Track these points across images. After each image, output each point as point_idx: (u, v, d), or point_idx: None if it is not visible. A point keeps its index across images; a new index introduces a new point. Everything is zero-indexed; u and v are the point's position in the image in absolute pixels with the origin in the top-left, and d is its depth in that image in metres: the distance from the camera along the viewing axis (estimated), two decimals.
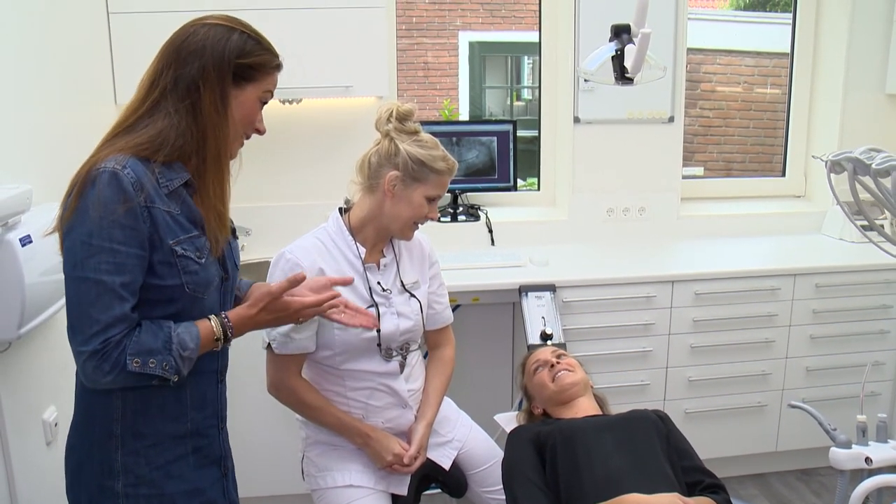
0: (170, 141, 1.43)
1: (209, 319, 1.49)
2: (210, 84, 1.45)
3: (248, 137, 1.58)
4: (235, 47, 1.47)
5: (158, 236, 1.41)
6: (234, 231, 1.67)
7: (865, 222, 2.07)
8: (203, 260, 1.48)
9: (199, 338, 1.46)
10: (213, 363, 1.58)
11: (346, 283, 1.81)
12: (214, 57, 1.45)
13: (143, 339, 1.39)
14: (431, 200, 2.02)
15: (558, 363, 2.24)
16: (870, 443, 1.98)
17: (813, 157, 2.10)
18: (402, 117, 1.99)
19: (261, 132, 1.59)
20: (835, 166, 1.84)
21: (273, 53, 1.55)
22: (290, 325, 1.92)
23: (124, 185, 1.36)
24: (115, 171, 1.36)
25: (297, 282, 1.58)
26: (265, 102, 1.58)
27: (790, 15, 3.88)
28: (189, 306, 1.48)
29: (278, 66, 1.57)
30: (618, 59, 2.01)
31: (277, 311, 1.58)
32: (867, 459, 1.91)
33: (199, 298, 1.49)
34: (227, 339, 1.52)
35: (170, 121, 1.44)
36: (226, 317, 1.52)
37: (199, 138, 1.46)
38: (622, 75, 2.00)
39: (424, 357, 2.26)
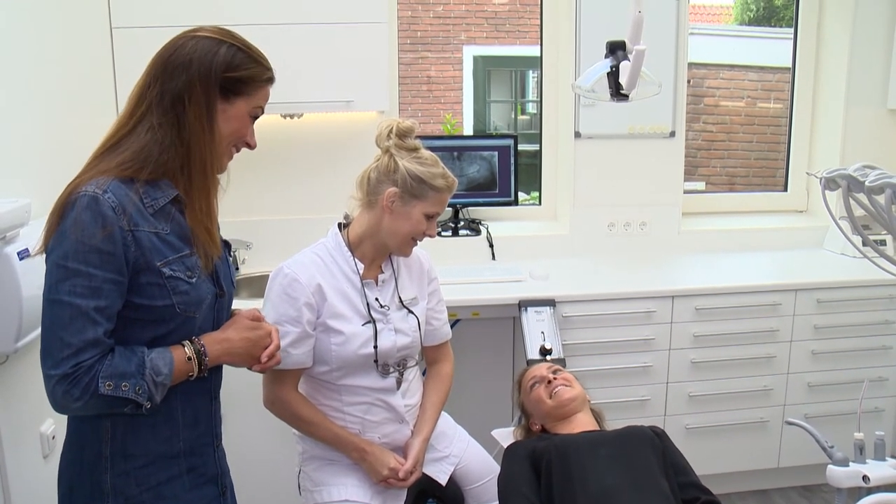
0: (153, 157, 1.41)
1: (182, 345, 1.47)
2: (195, 98, 1.43)
3: (237, 150, 1.56)
4: (223, 61, 1.45)
5: (145, 259, 1.39)
6: (228, 246, 1.66)
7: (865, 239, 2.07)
8: (194, 279, 1.47)
9: (174, 362, 1.43)
10: (206, 381, 1.56)
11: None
12: (201, 70, 1.43)
13: (115, 363, 1.36)
14: (430, 218, 2.02)
15: (555, 379, 2.23)
16: (867, 460, 1.97)
17: (807, 173, 2.10)
18: (403, 134, 2.00)
19: (251, 146, 1.57)
20: (829, 183, 1.83)
21: (264, 66, 1.52)
22: (288, 340, 1.92)
23: (104, 209, 1.35)
24: (94, 196, 1.35)
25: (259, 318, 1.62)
26: (256, 117, 1.55)
27: (791, 29, 3.88)
28: (181, 326, 1.47)
29: (269, 80, 1.54)
30: (613, 75, 2.02)
31: (247, 330, 1.57)
32: (865, 477, 1.90)
33: (191, 318, 1.48)
34: (201, 362, 1.48)
35: (153, 135, 1.42)
36: (197, 338, 1.49)
37: (184, 153, 1.44)
38: (617, 92, 2.01)
39: (423, 374, 2.26)
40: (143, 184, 1.42)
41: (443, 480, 2.17)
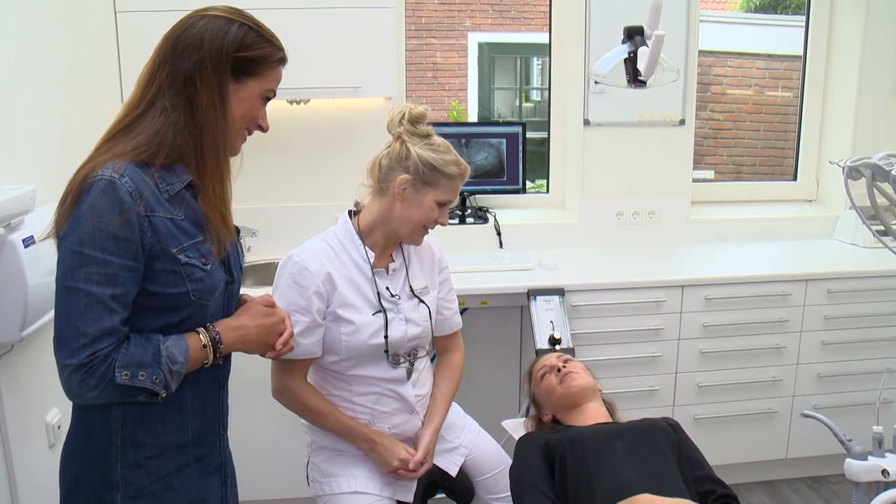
0: (168, 140, 1.38)
1: (197, 332, 1.45)
2: (207, 78, 1.39)
3: (250, 133, 1.53)
4: (234, 39, 1.41)
5: (161, 245, 1.36)
6: (237, 231, 1.63)
7: (881, 227, 2.04)
8: (209, 266, 1.44)
9: (189, 351, 1.41)
10: (214, 369, 1.53)
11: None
12: (212, 50, 1.39)
13: (132, 352, 1.34)
14: (442, 205, 1.99)
15: (565, 367, 2.21)
16: (886, 454, 1.94)
17: (830, 162, 2.06)
18: (415, 120, 1.96)
19: (263, 129, 1.53)
20: (852, 172, 1.80)
21: (276, 46, 1.48)
22: (297, 330, 1.89)
23: (121, 194, 1.31)
24: (111, 180, 1.31)
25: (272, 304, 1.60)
26: (268, 98, 1.51)
27: (801, 17, 3.84)
28: (194, 314, 1.44)
29: (282, 60, 1.50)
30: (630, 61, 1.98)
31: (261, 316, 1.55)
32: (884, 472, 1.87)
33: (205, 305, 1.45)
34: (216, 350, 1.46)
35: (167, 118, 1.38)
36: (212, 325, 1.47)
37: (197, 136, 1.40)
38: (635, 78, 1.97)
39: (432, 360, 2.23)
40: (159, 168, 1.38)
41: (453, 472, 2.15)
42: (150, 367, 1.35)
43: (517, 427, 2.35)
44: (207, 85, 1.39)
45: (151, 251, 1.36)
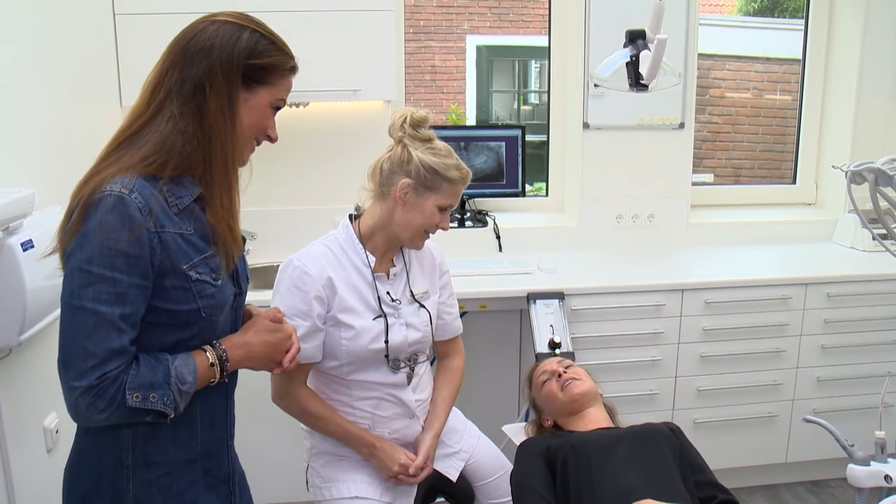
0: (177, 149, 1.34)
1: (204, 350, 1.41)
2: (217, 86, 1.35)
3: (258, 144, 1.49)
4: (246, 46, 1.37)
5: (171, 262, 1.33)
6: (243, 241, 1.61)
7: (883, 231, 2.03)
8: (219, 281, 1.40)
9: (197, 370, 1.37)
10: (223, 383, 1.49)
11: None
12: (223, 57, 1.35)
13: (142, 373, 1.30)
14: (443, 210, 1.98)
15: (566, 373, 2.20)
16: (889, 459, 1.94)
17: (833, 167, 2.04)
18: (416, 124, 1.95)
19: (272, 140, 1.50)
20: (855, 177, 1.79)
21: (287, 55, 1.45)
22: (297, 334, 1.87)
23: (131, 210, 1.27)
24: (121, 196, 1.27)
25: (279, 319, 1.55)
26: (278, 108, 1.48)
27: (800, 20, 3.84)
28: (204, 329, 1.41)
29: (293, 69, 1.47)
30: (632, 65, 1.97)
31: (268, 332, 1.51)
32: (887, 477, 1.87)
33: (215, 321, 1.42)
34: (223, 368, 1.42)
35: (174, 125, 1.34)
36: (218, 342, 1.44)
37: (205, 144, 1.36)
38: (637, 82, 1.97)
39: (432, 363, 2.22)
40: (167, 181, 1.34)
41: (453, 476, 2.14)
42: (161, 388, 1.31)
43: (517, 432, 2.35)
44: (217, 92, 1.35)
45: (161, 268, 1.32)
